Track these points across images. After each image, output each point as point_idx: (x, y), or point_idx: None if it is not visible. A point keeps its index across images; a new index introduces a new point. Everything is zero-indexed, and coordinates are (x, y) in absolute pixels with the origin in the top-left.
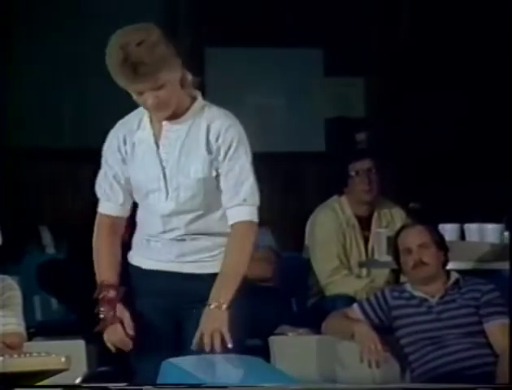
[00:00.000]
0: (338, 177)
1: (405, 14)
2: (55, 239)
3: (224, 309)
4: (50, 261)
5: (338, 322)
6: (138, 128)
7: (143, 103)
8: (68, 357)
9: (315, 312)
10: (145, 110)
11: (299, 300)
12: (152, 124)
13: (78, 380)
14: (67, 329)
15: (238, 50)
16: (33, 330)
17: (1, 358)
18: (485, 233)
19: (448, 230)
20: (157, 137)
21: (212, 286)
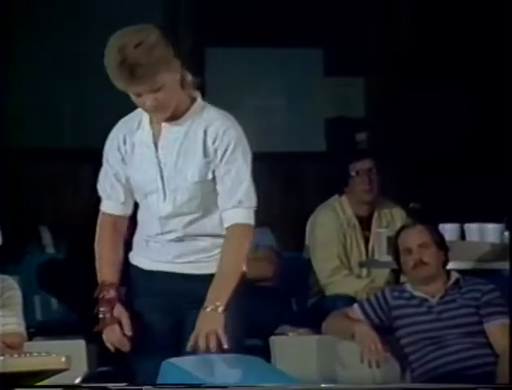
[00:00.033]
0: (338, 177)
1: (405, 14)
2: (55, 239)
3: (221, 311)
4: (50, 261)
5: (338, 322)
6: (138, 128)
7: (141, 105)
8: (68, 357)
9: (316, 312)
10: None
11: (299, 300)
12: (151, 125)
13: (78, 380)
14: (67, 329)
15: (238, 50)
16: (33, 330)
17: (1, 358)
18: (485, 233)
19: (448, 230)
20: (156, 138)
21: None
